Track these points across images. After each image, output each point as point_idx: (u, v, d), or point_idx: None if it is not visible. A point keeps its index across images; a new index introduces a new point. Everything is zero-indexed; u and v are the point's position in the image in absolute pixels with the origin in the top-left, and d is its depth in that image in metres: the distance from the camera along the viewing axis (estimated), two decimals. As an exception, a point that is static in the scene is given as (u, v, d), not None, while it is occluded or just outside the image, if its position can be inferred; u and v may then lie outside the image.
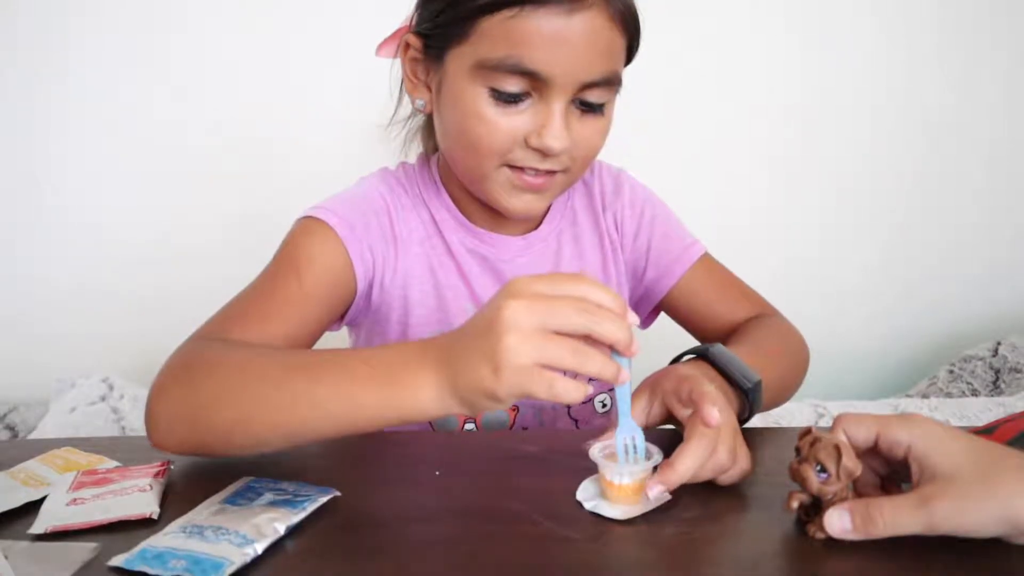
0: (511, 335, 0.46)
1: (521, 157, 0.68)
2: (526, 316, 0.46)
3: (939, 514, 0.45)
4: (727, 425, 0.55)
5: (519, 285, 0.48)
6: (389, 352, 0.54)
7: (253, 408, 0.55)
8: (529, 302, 0.47)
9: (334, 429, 0.54)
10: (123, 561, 0.46)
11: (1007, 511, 0.44)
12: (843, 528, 0.47)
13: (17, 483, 0.57)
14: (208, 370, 0.58)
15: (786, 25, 1.47)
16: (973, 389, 1.41)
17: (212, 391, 0.56)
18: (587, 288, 0.49)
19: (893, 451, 0.49)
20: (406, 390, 0.51)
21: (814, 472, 0.49)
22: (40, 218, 1.44)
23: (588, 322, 0.47)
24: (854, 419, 0.51)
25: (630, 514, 0.52)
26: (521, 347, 0.46)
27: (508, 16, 0.63)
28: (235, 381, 0.56)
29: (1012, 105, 1.53)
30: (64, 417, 1.25)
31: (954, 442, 0.47)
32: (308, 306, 0.69)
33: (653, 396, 0.61)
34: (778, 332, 0.79)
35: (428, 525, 0.53)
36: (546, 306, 0.47)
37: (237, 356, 0.59)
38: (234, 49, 1.40)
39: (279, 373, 0.55)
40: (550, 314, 0.47)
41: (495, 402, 0.48)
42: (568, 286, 0.48)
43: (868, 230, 1.57)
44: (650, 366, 0.65)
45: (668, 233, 0.85)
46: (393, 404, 0.51)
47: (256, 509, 0.51)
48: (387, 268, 0.76)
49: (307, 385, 0.54)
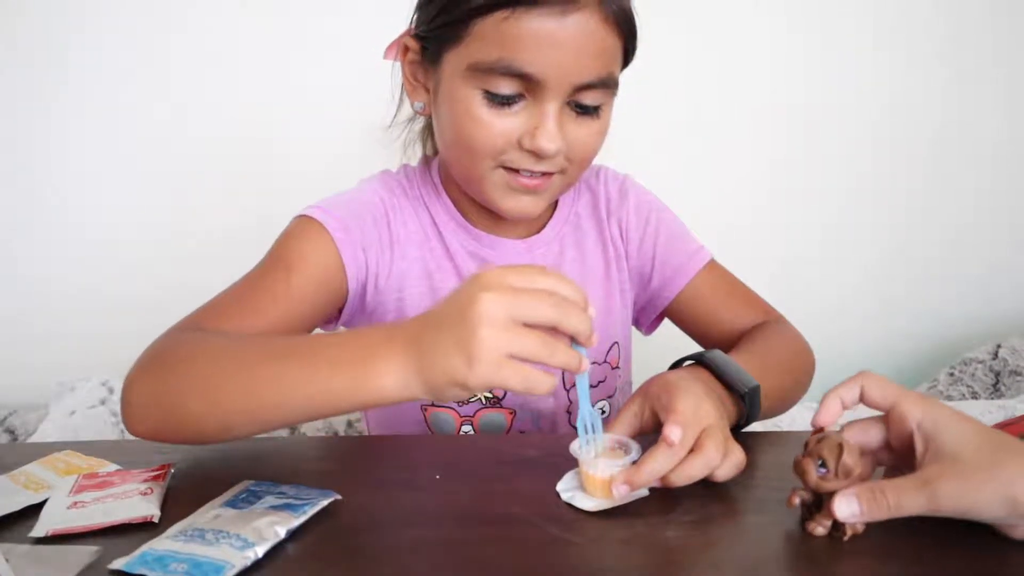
0: (485, 327, 0.47)
1: (516, 159, 0.69)
2: (499, 308, 0.47)
3: (942, 494, 0.46)
4: (713, 428, 0.56)
5: (490, 276, 0.49)
6: (355, 337, 0.55)
7: (221, 395, 0.55)
8: (502, 295, 0.48)
9: (303, 414, 0.55)
10: (124, 564, 0.46)
11: (1008, 493, 0.45)
12: (851, 512, 0.48)
13: (18, 486, 0.57)
14: (179, 358, 0.59)
15: (788, 26, 1.47)
16: (973, 392, 1.41)
17: (183, 378, 0.57)
18: (554, 281, 0.50)
19: (903, 423, 0.50)
20: (371, 375, 0.51)
21: (814, 466, 0.49)
22: (40, 219, 1.44)
23: (557, 315, 0.49)
24: (875, 379, 0.52)
25: (602, 506, 0.54)
26: (495, 339, 0.47)
27: (501, 18, 0.63)
28: (204, 369, 0.57)
29: (1013, 106, 1.53)
30: (64, 420, 1.25)
31: (962, 424, 0.48)
32: (293, 304, 0.69)
33: (644, 402, 0.61)
34: (781, 339, 0.79)
35: (428, 529, 0.53)
36: (518, 299, 0.48)
37: (208, 345, 0.59)
38: (234, 49, 1.40)
39: (248, 360, 0.56)
40: (522, 307, 0.48)
41: (464, 391, 0.49)
42: (538, 279, 0.50)
43: (869, 231, 1.57)
44: (657, 372, 0.65)
45: (673, 240, 0.85)
46: (359, 389, 0.51)
47: (257, 512, 0.51)
48: (381, 270, 0.76)
49: (274, 371, 0.54)
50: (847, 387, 0.53)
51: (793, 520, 0.52)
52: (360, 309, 0.78)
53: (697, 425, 0.55)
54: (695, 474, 0.54)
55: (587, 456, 0.55)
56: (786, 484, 0.51)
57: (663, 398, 0.58)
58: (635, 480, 0.53)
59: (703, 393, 0.58)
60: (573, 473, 0.58)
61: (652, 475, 0.53)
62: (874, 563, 0.47)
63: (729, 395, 0.63)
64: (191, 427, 0.57)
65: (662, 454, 0.53)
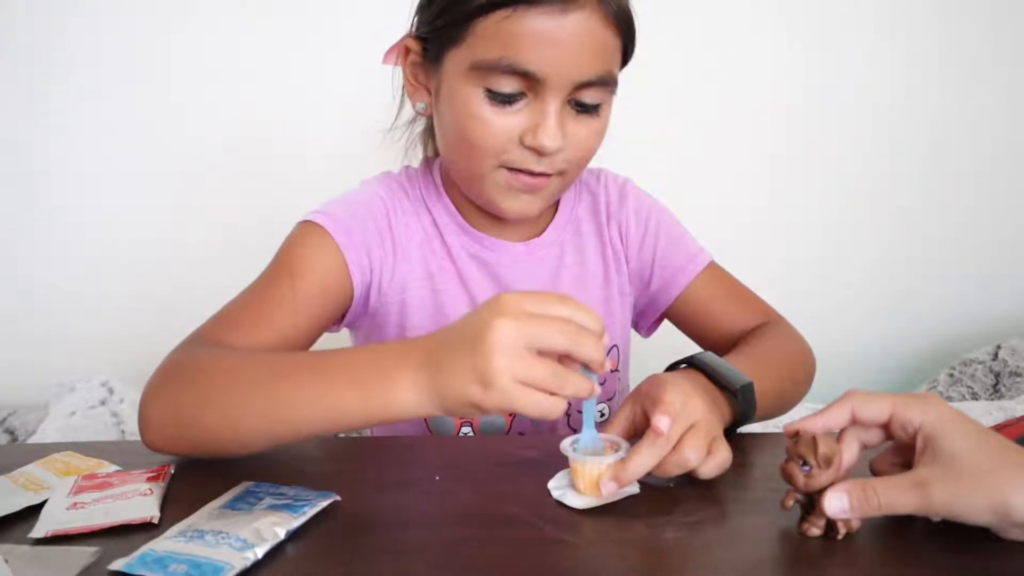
0: (501, 355, 0.48)
1: (517, 157, 0.69)
2: (514, 336, 0.49)
3: (934, 497, 0.46)
4: (698, 426, 0.56)
5: (507, 302, 0.50)
6: (369, 355, 0.56)
7: (239, 413, 0.57)
8: (517, 322, 0.49)
9: (319, 430, 0.56)
10: (124, 565, 0.46)
11: (999, 501, 0.45)
12: (840, 508, 0.48)
13: (17, 487, 0.57)
14: (197, 374, 0.60)
15: (788, 25, 1.47)
16: (973, 393, 1.40)
17: (200, 395, 0.58)
18: (572, 310, 0.51)
19: (905, 430, 0.50)
20: (386, 393, 0.53)
21: (798, 468, 0.49)
22: (40, 220, 1.44)
23: (571, 344, 0.50)
24: (863, 396, 0.52)
25: (592, 503, 0.54)
26: (510, 367, 0.48)
27: (502, 17, 0.64)
28: (222, 386, 0.58)
29: (1013, 105, 1.52)
30: (64, 421, 1.25)
31: (962, 427, 0.48)
32: (301, 311, 0.70)
33: (636, 403, 0.61)
34: (780, 340, 0.79)
35: (428, 529, 0.53)
36: (533, 327, 0.49)
37: (225, 361, 0.60)
38: (235, 50, 1.40)
39: (264, 379, 0.57)
40: (537, 335, 0.49)
41: (479, 412, 0.51)
42: (555, 306, 0.51)
43: (869, 231, 1.57)
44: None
45: (673, 242, 0.85)
46: (373, 407, 0.53)
47: (256, 513, 0.51)
48: (384, 272, 0.77)
49: (290, 391, 0.56)
50: (835, 413, 0.52)
51: (790, 522, 0.52)
52: (363, 311, 0.78)
53: (684, 419, 0.56)
54: (670, 472, 0.55)
55: (576, 454, 0.56)
56: (783, 485, 0.51)
57: (652, 394, 0.58)
58: (622, 476, 0.53)
59: (692, 390, 0.59)
60: (564, 472, 0.59)
61: (639, 470, 0.54)
62: (872, 564, 0.47)
63: (723, 394, 0.63)
64: (208, 442, 0.59)
65: (647, 449, 0.54)
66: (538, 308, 0.50)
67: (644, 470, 0.54)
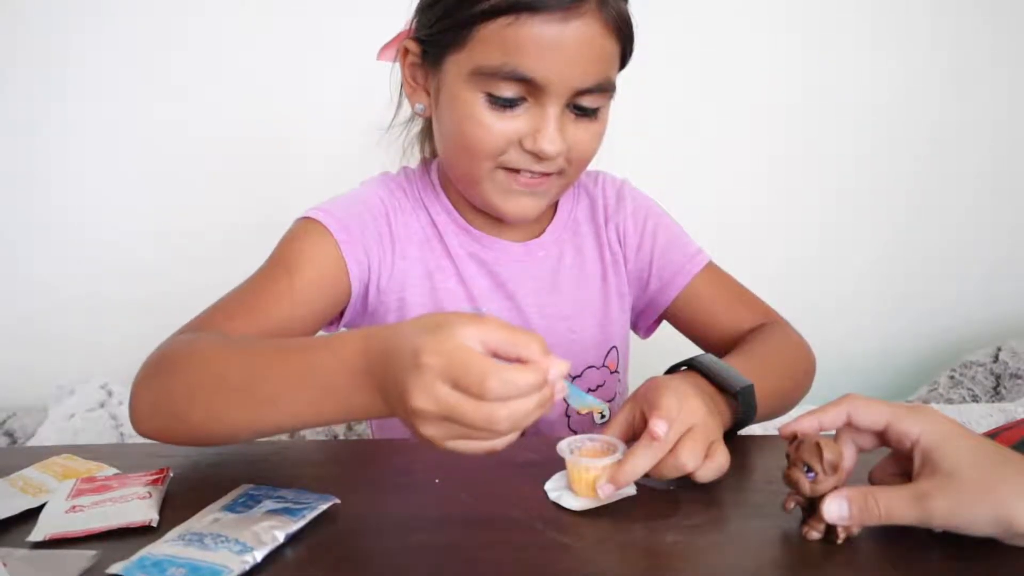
0: (420, 422, 0.44)
1: (516, 159, 0.69)
2: (433, 430, 0.44)
3: (935, 510, 0.46)
4: (696, 430, 0.56)
5: (424, 360, 0.42)
6: (333, 360, 0.50)
7: (222, 407, 0.55)
8: (432, 423, 0.44)
9: (302, 427, 0.55)
10: (122, 568, 0.46)
11: (1000, 514, 0.45)
12: (840, 515, 0.48)
13: (16, 490, 0.57)
14: (185, 365, 0.59)
15: (787, 25, 1.47)
16: (974, 395, 1.40)
17: (186, 386, 0.57)
18: (488, 370, 0.42)
19: (901, 442, 0.50)
20: (362, 401, 0.48)
21: (803, 474, 0.49)
22: (41, 221, 1.44)
23: (478, 419, 0.42)
24: (861, 402, 0.52)
25: (588, 505, 0.54)
26: (432, 432, 0.44)
27: (505, 24, 0.64)
28: (207, 379, 0.56)
29: (1012, 105, 1.53)
30: (63, 423, 1.25)
31: (961, 440, 0.48)
32: (297, 306, 0.70)
33: (635, 406, 0.61)
34: (780, 341, 0.78)
35: (428, 533, 0.52)
36: (448, 426, 0.44)
37: (213, 353, 0.58)
38: (234, 51, 1.40)
39: (246, 375, 0.55)
40: (453, 427, 0.44)
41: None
42: (472, 367, 0.42)
43: (868, 231, 1.57)
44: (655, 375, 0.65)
45: (671, 243, 0.85)
46: (353, 411, 0.50)
47: (255, 517, 0.51)
48: (383, 271, 0.77)
49: (271, 391, 0.53)
50: (832, 414, 0.52)
51: (791, 525, 0.52)
52: (362, 310, 0.78)
53: (681, 423, 0.55)
54: (667, 475, 0.55)
55: (572, 456, 0.56)
56: (784, 488, 0.51)
57: (649, 398, 0.58)
58: (618, 478, 0.53)
59: (690, 392, 0.58)
60: (561, 473, 0.59)
61: (634, 472, 0.54)
62: (873, 568, 0.47)
63: (723, 396, 0.63)
64: (196, 433, 0.58)
65: (643, 451, 0.54)
66: (453, 371, 0.42)
67: (640, 473, 0.54)
